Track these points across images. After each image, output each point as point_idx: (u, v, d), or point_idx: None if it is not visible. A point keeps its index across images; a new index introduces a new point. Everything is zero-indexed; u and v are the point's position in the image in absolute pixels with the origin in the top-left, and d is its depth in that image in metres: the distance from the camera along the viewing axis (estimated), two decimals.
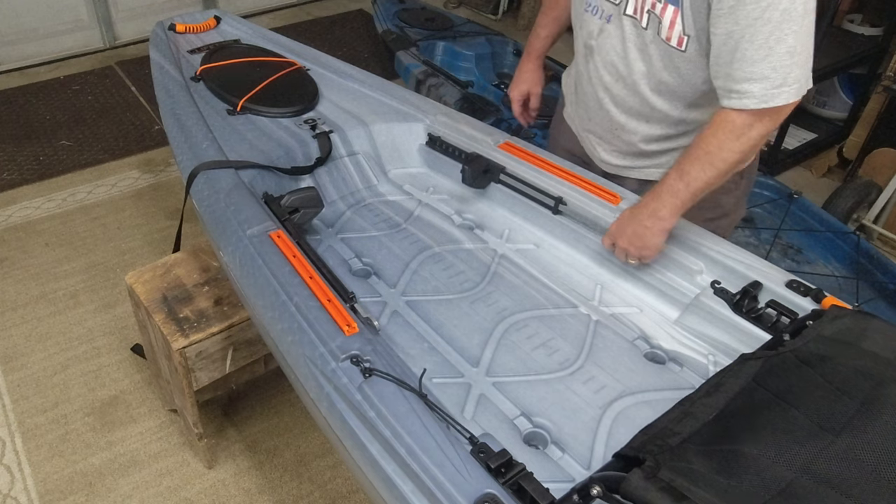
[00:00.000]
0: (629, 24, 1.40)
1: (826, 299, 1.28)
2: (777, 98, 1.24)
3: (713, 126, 1.31)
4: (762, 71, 1.22)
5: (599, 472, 0.94)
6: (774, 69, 1.22)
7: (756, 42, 1.20)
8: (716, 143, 1.30)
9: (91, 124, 3.59)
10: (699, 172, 1.33)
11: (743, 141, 1.30)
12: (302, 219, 1.59)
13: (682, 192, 1.35)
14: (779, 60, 1.21)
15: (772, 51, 1.20)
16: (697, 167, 1.33)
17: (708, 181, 1.34)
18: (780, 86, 1.23)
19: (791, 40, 1.20)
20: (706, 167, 1.32)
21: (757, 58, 1.22)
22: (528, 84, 1.88)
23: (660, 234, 1.40)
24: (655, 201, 1.39)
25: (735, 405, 1.01)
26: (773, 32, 1.19)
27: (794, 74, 1.23)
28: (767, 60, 1.21)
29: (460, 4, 5.01)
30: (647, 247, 1.42)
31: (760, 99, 1.24)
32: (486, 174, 1.76)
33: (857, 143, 3.24)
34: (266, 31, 2.35)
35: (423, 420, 1.05)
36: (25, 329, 2.45)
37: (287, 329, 1.26)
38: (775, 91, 1.23)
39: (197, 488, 1.97)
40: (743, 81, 1.25)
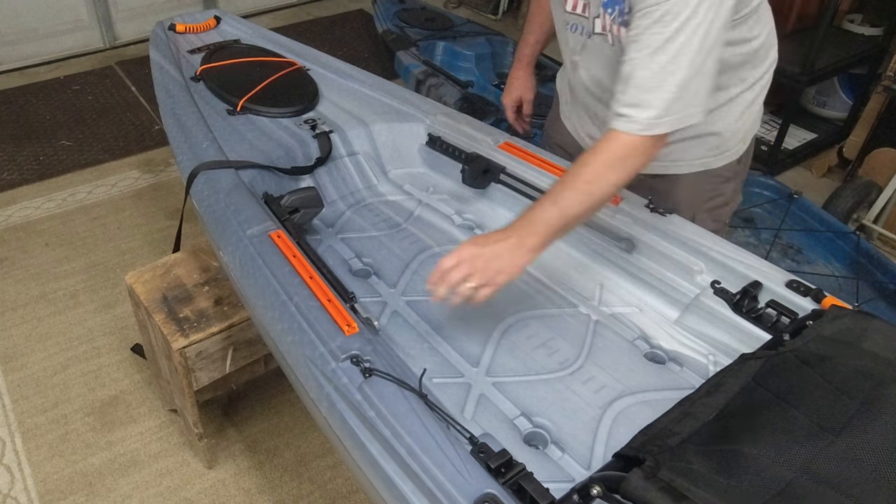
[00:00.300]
0: (599, 40, 1.43)
1: (826, 299, 1.28)
2: (657, 128, 1.22)
3: (593, 153, 1.27)
4: (650, 100, 1.20)
5: (599, 472, 0.94)
6: (662, 100, 1.20)
7: (651, 70, 1.19)
8: (593, 171, 1.25)
9: (91, 124, 3.60)
10: (574, 201, 1.25)
11: (619, 172, 1.25)
12: (302, 219, 1.59)
13: (554, 220, 1.25)
14: (668, 92, 1.19)
15: (664, 82, 1.19)
16: (573, 195, 1.25)
17: (582, 210, 1.26)
18: (662, 116, 1.21)
19: (683, 73, 1.18)
20: (583, 196, 1.25)
21: (649, 86, 1.20)
22: (520, 91, 1.91)
23: (519, 265, 1.26)
24: (526, 227, 1.26)
25: (735, 405, 1.01)
26: (666, 65, 1.18)
27: (678, 106, 1.21)
28: (657, 91, 1.20)
29: (460, 4, 5.01)
30: (501, 272, 1.24)
31: (644, 126, 1.21)
32: (486, 174, 1.76)
33: (857, 143, 3.23)
34: (266, 31, 2.36)
35: (423, 420, 1.05)
36: (25, 329, 2.45)
37: (287, 329, 1.26)
38: (656, 122, 1.21)
39: (197, 488, 1.97)
40: (632, 106, 1.22)
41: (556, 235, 1.27)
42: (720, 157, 1.58)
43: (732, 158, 1.60)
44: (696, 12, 1.16)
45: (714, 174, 1.60)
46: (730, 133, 1.54)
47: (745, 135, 1.58)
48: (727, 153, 1.58)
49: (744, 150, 1.61)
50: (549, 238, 1.26)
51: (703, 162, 1.57)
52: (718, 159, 1.58)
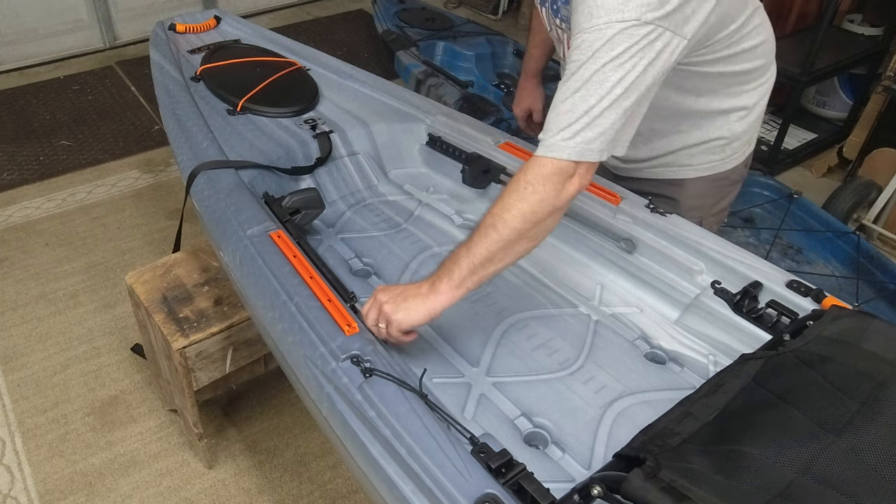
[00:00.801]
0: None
1: (826, 299, 1.28)
2: (557, 150, 1.14)
3: (506, 189, 1.20)
4: (558, 122, 1.15)
5: (600, 472, 0.94)
6: (569, 125, 1.13)
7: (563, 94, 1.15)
8: (499, 205, 1.18)
9: (91, 124, 3.59)
10: (480, 238, 1.18)
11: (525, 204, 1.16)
12: (303, 220, 1.59)
13: (462, 260, 1.19)
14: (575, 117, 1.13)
15: (573, 107, 1.13)
16: (480, 232, 1.19)
17: (489, 248, 1.18)
18: (566, 139, 1.14)
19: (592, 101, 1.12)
20: (488, 231, 1.18)
21: (560, 109, 1.15)
22: (529, 101, 1.94)
23: (427, 308, 1.21)
24: (438, 271, 1.23)
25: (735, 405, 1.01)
26: (577, 91, 1.12)
27: (583, 136, 1.13)
28: (565, 116, 1.14)
29: (460, 4, 5.01)
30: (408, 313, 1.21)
31: (547, 147, 1.16)
32: (487, 174, 1.76)
33: (857, 143, 3.23)
34: (266, 31, 2.35)
35: (424, 420, 1.05)
36: (25, 329, 2.44)
37: (287, 329, 1.26)
38: (560, 143, 1.14)
39: (197, 488, 1.97)
40: (543, 131, 1.17)
41: (467, 279, 1.20)
42: (727, 160, 1.56)
43: (739, 161, 1.59)
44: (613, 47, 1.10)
45: (721, 178, 1.59)
46: (736, 137, 1.53)
47: (750, 137, 1.58)
48: (734, 157, 1.57)
49: (749, 151, 1.61)
50: (459, 281, 1.20)
51: (710, 166, 1.56)
52: (725, 163, 1.57)
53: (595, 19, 1.11)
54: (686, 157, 1.55)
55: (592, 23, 1.11)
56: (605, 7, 1.10)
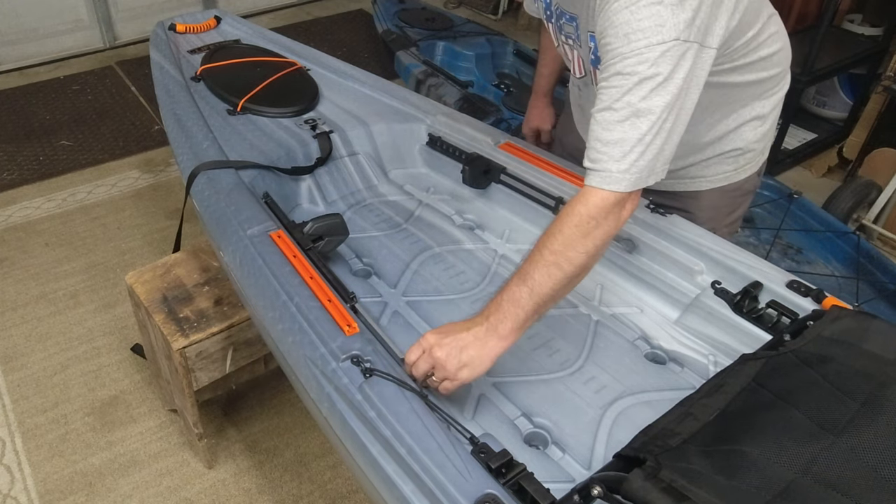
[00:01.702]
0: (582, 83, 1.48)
1: (826, 299, 1.28)
2: (619, 184, 1.13)
3: (560, 220, 1.17)
4: (612, 152, 1.13)
5: (600, 472, 0.94)
6: (624, 154, 1.12)
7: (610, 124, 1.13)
8: (561, 241, 1.15)
9: (91, 124, 3.59)
10: (544, 277, 1.14)
11: (589, 240, 1.15)
12: (326, 247, 1.52)
13: (525, 301, 1.15)
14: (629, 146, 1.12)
15: (625, 136, 1.12)
16: (543, 271, 1.14)
17: (554, 287, 1.15)
18: (624, 171, 1.13)
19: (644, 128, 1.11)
20: (552, 270, 1.14)
21: (610, 139, 1.13)
22: (538, 121, 1.96)
23: (489, 356, 1.16)
24: (495, 314, 1.16)
25: (736, 405, 1.01)
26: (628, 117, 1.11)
27: (640, 165, 1.13)
28: (619, 145, 1.12)
29: (460, 4, 5.01)
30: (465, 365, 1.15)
31: (604, 179, 1.14)
32: (487, 174, 1.76)
33: (857, 143, 3.23)
34: (266, 31, 2.35)
35: (424, 420, 1.05)
36: (25, 329, 2.44)
37: (287, 329, 1.26)
38: (618, 175, 1.13)
39: (197, 488, 1.97)
40: (594, 161, 1.16)
41: (530, 318, 1.16)
42: (741, 170, 1.55)
43: (753, 171, 1.57)
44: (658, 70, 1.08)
45: (735, 188, 1.57)
46: (752, 146, 1.51)
47: (764, 146, 1.55)
48: (747, 166, 1.55)
49: (763, 160, 1.58)
50: (523, 322, 1.16)
51: (724, 177, 1.55)
52: (739, 173, 1.55)
53: (634, 43, 1.08)
54: (700, 169, 1.53)
55: (631, 47, 1.09)
56: (642, 30, 1.08)
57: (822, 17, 2.96)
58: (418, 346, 1.18)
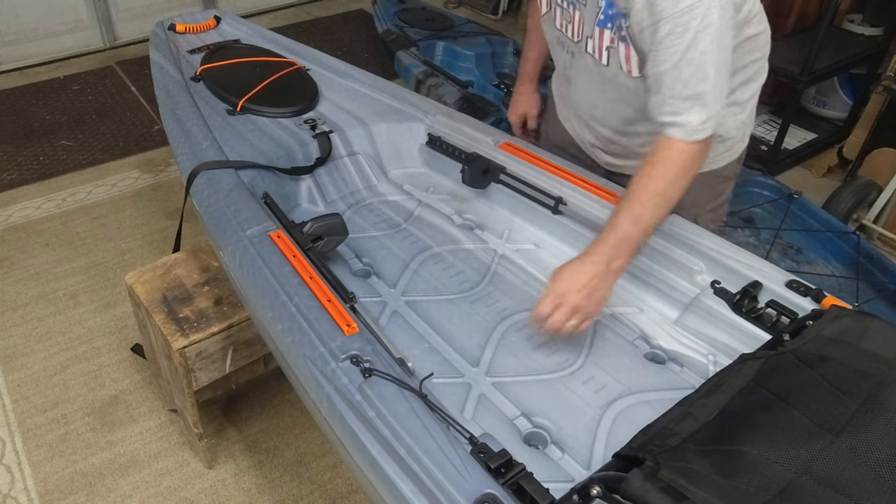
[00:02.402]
0: (590, 60, 1.46)
1: (826, 299, 1.28)
2: (701, 133, 1.28)
3: (655, 166, 1.31)
4: (688, 107, 1.26)
5: (599, 472, 0.94)
6: (704, 106, 1.26)
7: (682, 81, 1.25)
8: (662, 184, 1.30)
9: (91, 124, 3.59)
10: (653, 215, 1.31)
11: (685, 179, 1.32)
12: (325, 247, 1.52)
13: (635, 237, 1.31)
14: (706, 98, 1.26)
15: (696, 90, 1.25)
16: (651, 209, 1.30)
17: (658, 223, 1.34)
18: (705, 121, 1.27)
19: (712, 76, 1.25)
20: (657, 209, 1.31)
21: (683, 94, 1.26)
22: (525, 107, 1.94)
23: (611, 287, 1.33)
24: (611, 251, 1.30)
25: (735, 405, 1.01)
26: (695, 73, 1.24)
27: (714, 108, 1.28)
28: (696, 99, 1.26)
29: (460, 4, 5.01)
30: (602, 301, 1.32)
31: (689, 132, 1.28)
32: (486, 174, 1.76)
33: (857, 143, 3.23)
34: (266, 31, 2.35)
35: (423, 420, 1.05)
36: (25, 329, 2.45)
37: (287, 329, 1.26)
38: (700, 127, 1.28)
39: (197, 488, 1.97)
40: (674, 115, 1.28)
41: (638, 249, 1.34)
42: (721, 157, 1.59)
43: (733, 158, 1.61)
44: (707, 19, 1.19)
45: (716, 175, 1.61)
46: (731, 133, 1.55)
47: (744, 134, 1.60)
48: (728, 153, 1.59)
49: (742, 148, 1.63)
50: (633, 254, 1.33)
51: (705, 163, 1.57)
52: (720, 159, 1.59)
53: (682, 2, 1.19)
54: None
55: (680, 6, 1.19)
56: None
57: (822, 17, 2.96)
58: (552, 297, 1.29)
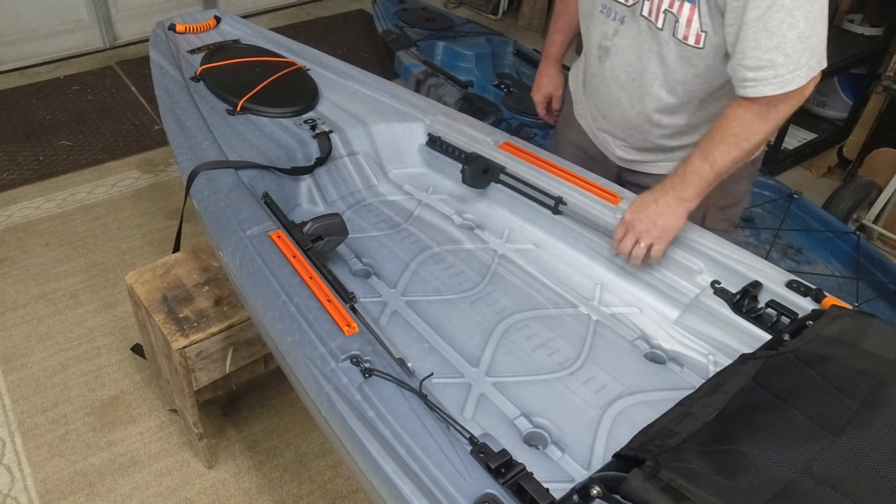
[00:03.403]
0: (644, 25, 1.42)
1: (826, 299, 1.28)
2: (791, 83, 1.27)
3: (738, 108, 1.33)
4: (775, 58, 1.25)
5: (599, 472, 0.94)
6: (787, 55, 1.24)
7: (769, 30, 1.23)
8: (741, 125, 1.32)
9: (91, 124, 3.59)
10: (724, 154, 1.35)
11: (769, 121, 1.32)
12: (325, 247, 1.52)
13: (707, 173, 1.37)
14: (791, 47, 1.23)
15: (784, 38, 1.23)
16: (723, 149, 1.34)
17: (734, 162, 1.36)
18: (793, 70, 1.26)
19: (802, 25, 1.22)
20: (731, 148, 1.34)
21: (770, 45, 1.24)
22: (550, 87, 1.94)
23: (682, 216, 1.41)
24: (680, 184, 1.39)
25: (735, 405, 1.01)
26: (784, 20, 1.21)
27: (805, 58, 1.26)
28: (780, 48, 1.24)
29: (460, 4, 5.01)
30: (669, 228, 1.41)
31: (776, 85, 1.27)
32: (486, 174, 1.76)
33: (857, 143, 3.23)
34: (266, 31, 2.35)
35: (423, 420, 1.05)
36: (25, 329, 2.44)
37: (287, 329, 1.26)
38: (789, 76, 1.26)
39: (197, 488, 1.97)
40: (757, 69, 1.27)
41: (710, 186, 1.39)
42: None
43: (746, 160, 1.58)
44: None
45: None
46: None
47: None
48: None
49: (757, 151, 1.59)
50: (704, 191, 1.39)
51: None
52: None
53: None
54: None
55: None
56: None
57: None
58: (622, 225, 1.45)
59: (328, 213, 1.54)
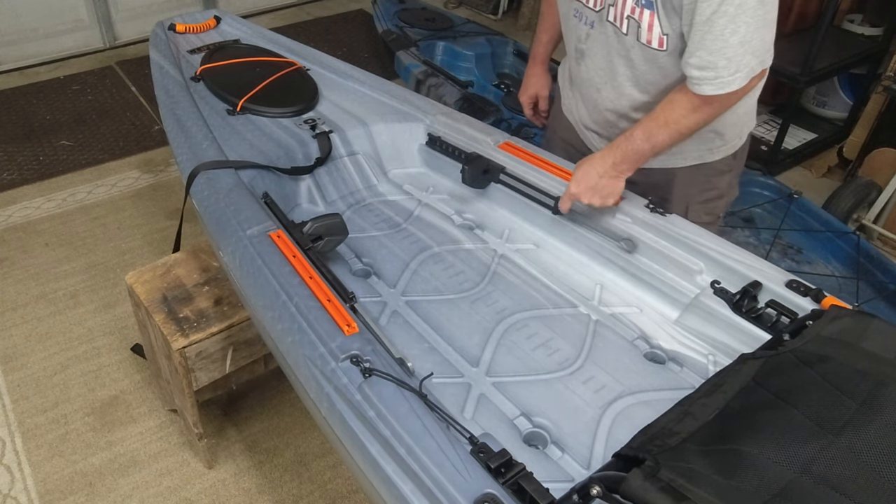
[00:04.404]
0: (611, 30, 1.46)
1: (826, 299, 1.28)
2: (731, 85, 1.32)
3: (681, 95, 1.39)
4: (717, 60, 1.29)
5: (599, 472, 0.94)
6: (729, 59, 1.29)
7: (713, 33, 1.27)
8: (682, 113, 1.40)
9: (91, 124, 3.59)
10: (665, 139, 1.44)
11: (707, 114, 1.40)
12: (325, 247, 1.52)
13: (646, 152, 1.46)
14: (732, 51, 1.28)
15: (726, 42, 1.27)
16: (664, 133, 1.43)
17: (672, 144, 1.47)
18: (734, 73, 1.30)
19: (743, 31, 1.26)
20: (672, 134, 1.43)
21: (713, 48, 1.28)
22: (536, 87, 1.94)
23: (623, 183, 1.51)
24: (621, 160, 1.47)
25: (735, 405, 1.01)
26: (727, 25, 1.26)
27: (746, 61, 1.30)
28: (722, 52, 1.28)
29: (460, 4, 5.01)
30: (613, 195, 1.51)
31: (717, 86, 1.32)
32: (486, 174, 1.76)
33: (857, 143, 3.23)
34: (266, 31, 2.35)
35: (423, 420, 1.05)
36: (25, 329, 2.45)
37: (287, 329, 1.26)
38: (730, 78, 1.31)
39: (197, 488, 1.97)
40: (701, 69, 1.31)
41: (644, 162, 1.50)
42: (716, 151, 1.60)
43: (728, 153, 1.62)
44: None
45: (709, 167, 1.62)
46: (727, 129, 1.56)
47: (741, 130, 1.61)
48: (723, 148, 1.60)
49: (740, 145, 1.63)
50: (640, 164, 1.49)
51: (698, 156, 1.60)
52: (714, 153, 1.60)
53: None
54: (677, 146, 1.56)
55: None
56: None
57: (822, 17, 2.96)
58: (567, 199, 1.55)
59: (328, 213, 1.54)
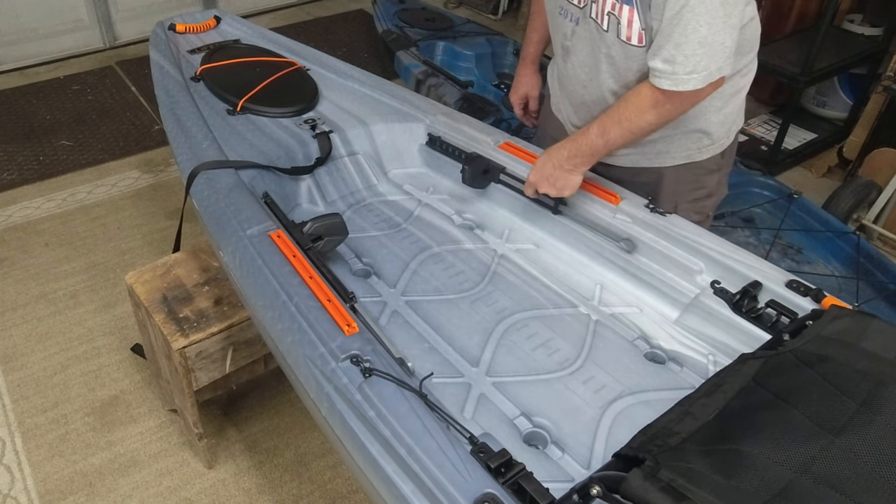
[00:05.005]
0: (594, 27, 1.47)
1: (826, 299, 1.28)
2: (686, 84, 1.33)
3: (634, 94, 1.41)
4: (675, 57, 1.31)
5: (599, 471, 0.94)
6: (686, 57, 1.30)
7: (677, 30, 1.29)
8: (634, 111, 1.41)
9: (91, 124, 3.59)
10: (618, 136, 1.45)
11: (657, 112, 1.40)
12: (325, 247, 1.53)
13: (601, 149, 1.48)
14: (691, 49, 1.29)
15: (687, 39, 1.28)
16: (618, 131, 1.44)
17: (626, 142, 1.48)
18: (689, 72, 1.31)
19: (704, 31, 1.27)
20: (625, 133, 1.44)
21: (675, 43, 1.30)
22: (526, 88, 1.94)
23: (579, 178, 1.54)
24: (577, 154, 1.50)
25: (735, 405, 1.01)
26: (690, 22, 1.27)
27: (704, 63, 1.31)
28: (681, 48, 1.29)
29: (460, 4, 5.01)
30: (569, 187, 1.54)
31: (672, 82, 1.33)
32: (486, 174, 1.76)
33: (857, 143, 3.23)
34: (266, 31, 2.36)
35: (423, 420, 1.05)
36: (25, 329, 2.44)
37: (287, 329, 1.26)
38: (685, 77, 1.32)
39: (197, 488, 1.97)
40: (661, 62, 1.33)
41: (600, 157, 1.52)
42: (704, 150, 1.60)
43: (716, 152, 1.62)
44: None
45: (697, 166, 1.62)
46: (715, 128, 1.56)
47: (728, 129, 1.61)
48: (711, 147, 1.60)
49: (728, 144, 1.63)
50: (596, 159, 1.52)
51: (687, 155, 1.60)
52: (703, 152, 1.60)
53: None
54: (665, 145, 1.58)
55: None
56: None
57: (822, 17, 2.96)
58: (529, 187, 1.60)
59: (328, 213, 1.55)
